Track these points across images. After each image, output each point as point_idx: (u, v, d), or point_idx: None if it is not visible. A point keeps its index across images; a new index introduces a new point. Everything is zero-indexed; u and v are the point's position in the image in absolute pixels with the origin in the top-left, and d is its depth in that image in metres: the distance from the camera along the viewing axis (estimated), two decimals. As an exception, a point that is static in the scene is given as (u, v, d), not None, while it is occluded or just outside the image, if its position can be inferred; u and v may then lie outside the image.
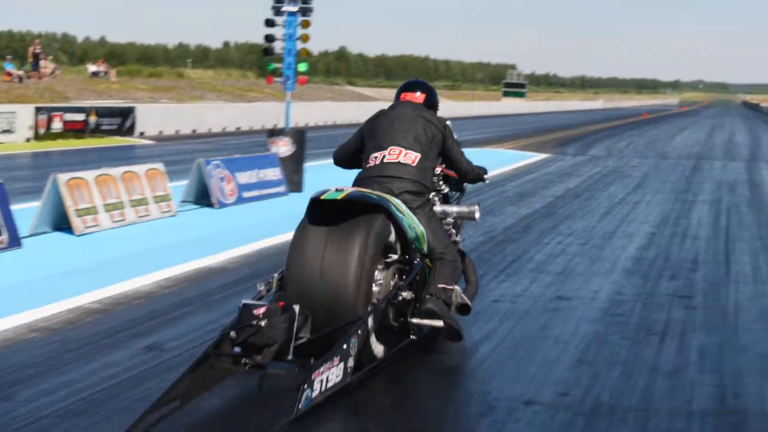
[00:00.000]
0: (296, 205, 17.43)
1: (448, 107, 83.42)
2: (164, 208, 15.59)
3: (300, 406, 6.22)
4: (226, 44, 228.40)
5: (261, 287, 7.59)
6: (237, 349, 6.76)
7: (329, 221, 7.47)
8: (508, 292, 10.79)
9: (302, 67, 20.39)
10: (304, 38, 20.34)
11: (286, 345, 6.77)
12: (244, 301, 6.97)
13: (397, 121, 8.30)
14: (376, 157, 8.20)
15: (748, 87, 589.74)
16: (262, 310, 6.72)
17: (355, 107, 64.93)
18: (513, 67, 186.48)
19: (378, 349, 7.47)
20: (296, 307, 6.93)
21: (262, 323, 6.66)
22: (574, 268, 12.30)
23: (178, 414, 6.32)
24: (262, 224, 15.37)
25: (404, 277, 7.82)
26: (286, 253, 7.49)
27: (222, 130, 45.24)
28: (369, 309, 7.25)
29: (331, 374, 6.60)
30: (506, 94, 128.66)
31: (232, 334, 6.75)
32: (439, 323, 7.68)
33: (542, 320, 9.51)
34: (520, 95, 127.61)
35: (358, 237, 7.28)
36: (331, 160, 9.07)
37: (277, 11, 20.28)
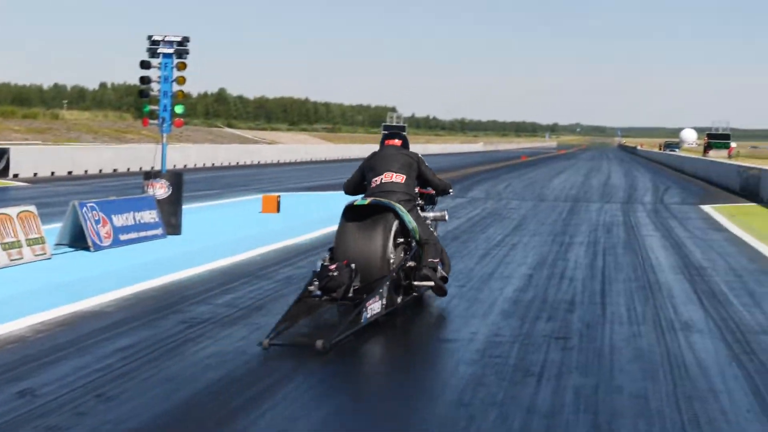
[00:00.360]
0: (173, 248, 17.35)
1: (326, 149, 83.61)
2: (38, 251, 15.31)
3: (362, 321, 10.42)
4: (102, 85, 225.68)
5: (324, 256, 11.72)
6: (317, 292, 10.91)
7: (359, 218, 11.69)
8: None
9: (178, 109, 20.20)
10: (180, 80, 20.17)
11: (347, 288, 10.91)
12: (321, 262, 11.28)
13: (387, 157, 12.52)
14: (376, 180, 12.28)
15: (624, 130, 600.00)
16: (334, 266, 10.94)
17: (234, 149, 64.70)
18: (393, 109, 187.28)
19: (396, 298, 11.58)
20: (353, 265, 11.07)
21: (335, 273, 10.84)
22: (453, 310, 12.33)
23: (289, 331, 10.39)
24: (138, 267, 15.17)
25: (407, 253, 11.96)
26: (175, 295, 7.39)
27: (98, 172, 44.74)
28: (389, 272, 11.31)
29: (375, 306, 10.74)
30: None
31: (314, 284, 10.95)
32: (431, 283, 11.97)
33: (424, 359, 9.48)
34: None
35: (379, 227, 11.53)
36: (209, 202, 9.03)
37: (153, 53, 20.09)
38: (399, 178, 12.18)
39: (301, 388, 8.47)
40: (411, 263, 11.85)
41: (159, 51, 20.06)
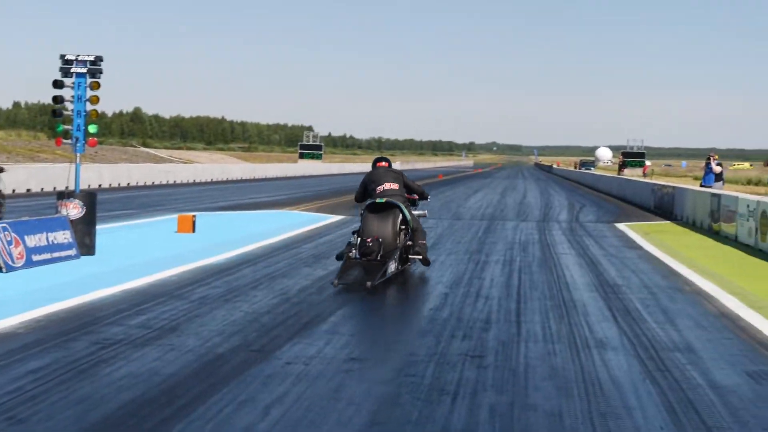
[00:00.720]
0: (87, 269, 17.15)
1: (242, 169, 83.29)
2: (-53, 273, 15.04)
3: (386, 275, 16.13)
4: (16, 104, 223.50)
5: (352, 237, 17.23)
6: (357, 256, 16.56)
7: (376, 212, 17.09)
8: (302, 354, 10.72)
9: (92, 128, 19.95)
10: (94, 100, 19.92)
11: (377, 254, 16.34)
12: (353, 239, 16.94)
13: (382, 173, 17.80)
14: (379, 188, 17.48)
15: (540, 149, 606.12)
16: (371, 239, 16.42)
17: (149, 169, 64.25)
18: (310, 128, 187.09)
19: (402, 264, 17.26)
20: (380, 239, 16.55)
21: (371, 245, 16.33)
22: (368, 328, 12.31)
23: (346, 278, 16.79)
24: (51, 288, 14.97)
25: (406, 236, 17.27)
26: (87, 316, 7.28)
27: (12, 192, 44.12)
28: (397, 247, 16.92)
29: (391, 266, 16.42)
30: (303, 155, 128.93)
31: (353, 251, 16.80)
32: (420, 257, 17.41)
33: (335, 382, 9.46)
34: (317, 157, 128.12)
35: (390, 217, 17.02)
36: (124, 222, 8.93)
37: (66, 72, 19.85)
38: (395, 186, 17.53)
39: (207, 416, 8.40)
40: (408, 243, 17.31)
41: (72, 70, 19.82)
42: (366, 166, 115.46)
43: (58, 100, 20.05)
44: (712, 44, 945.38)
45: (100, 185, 51.91)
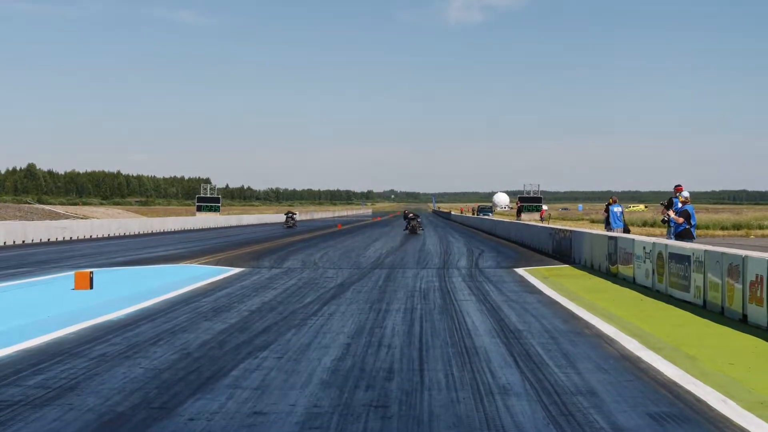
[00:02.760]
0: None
1: (140, 223, 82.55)
2: None
3: (419, 233, 76.33)
4: None
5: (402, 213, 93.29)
6: (407, 226, 78.23)
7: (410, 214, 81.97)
8: (205, 409, 10.61)
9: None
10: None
11: (415, 225, 77.56)
12: (406, 212, 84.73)
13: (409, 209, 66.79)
14: (407, 211, 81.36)
15: (438, 195, 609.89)
16: (412, 214, 79.67)
17: (44, 226, 63.37)
18: (207, 181, 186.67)
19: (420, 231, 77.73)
20: (418, 216, 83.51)
21: (411, 215, 79.75)
22: (271, 382, 12.22)
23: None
24: (-56, 350, 14.63)
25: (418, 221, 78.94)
26: None
27: None
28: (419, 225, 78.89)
29: (420, 230, 79.48)
30: (200, 208, 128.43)
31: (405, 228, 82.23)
32: (422, 231, 78.96)
33: (239, 438, 9.35)
34: (215, 209, 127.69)
35: (417, 214, 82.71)
36: (19, 281, 8.76)
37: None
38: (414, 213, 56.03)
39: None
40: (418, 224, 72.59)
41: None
42: (264, 217, 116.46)
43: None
44: (603, 89, 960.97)
45: (-6, 243, 51.06)
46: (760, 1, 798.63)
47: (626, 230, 38.33)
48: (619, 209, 39.40)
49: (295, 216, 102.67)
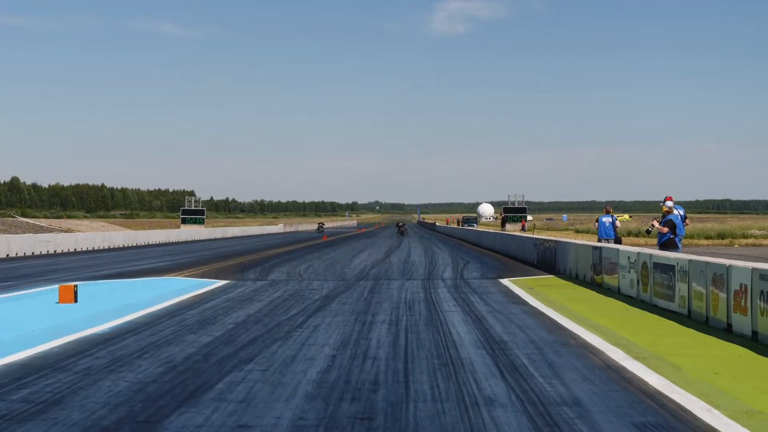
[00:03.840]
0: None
1: (124, 236, 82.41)
2: None
3: (405, 234, 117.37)
4: None
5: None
6: (398, 231, 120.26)
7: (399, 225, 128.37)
8: (190, 423, 10.59)
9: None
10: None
11: (404, 230, 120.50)
12: (398, 222, 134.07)
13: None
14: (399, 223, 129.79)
15: (423, 206, 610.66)
16: (401, 223, 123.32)
17: (28, 239, 63.23)
18: (191, 193, 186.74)
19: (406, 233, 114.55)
20: (405, 227, 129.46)
21: (400, 224, 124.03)
22: (256, 394, 12.20)
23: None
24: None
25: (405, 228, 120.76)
26: None
27: None
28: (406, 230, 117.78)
29: (407, 233, 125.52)
30: (185, 221, 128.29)
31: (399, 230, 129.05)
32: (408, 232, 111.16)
33: (224, 451, 9.33)
34: (200, 222, 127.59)
35: (404, 223, 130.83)
36: (3, 295, 8.67)
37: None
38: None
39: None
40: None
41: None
42: (249, 229, 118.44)
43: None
44: (587, 99, 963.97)
45: (-22, 257, 50.94)
46: (732, 12, 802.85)
47: (617, 241, 37.68)
48: (609, 219, 38.72)
49: (323, 225, 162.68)
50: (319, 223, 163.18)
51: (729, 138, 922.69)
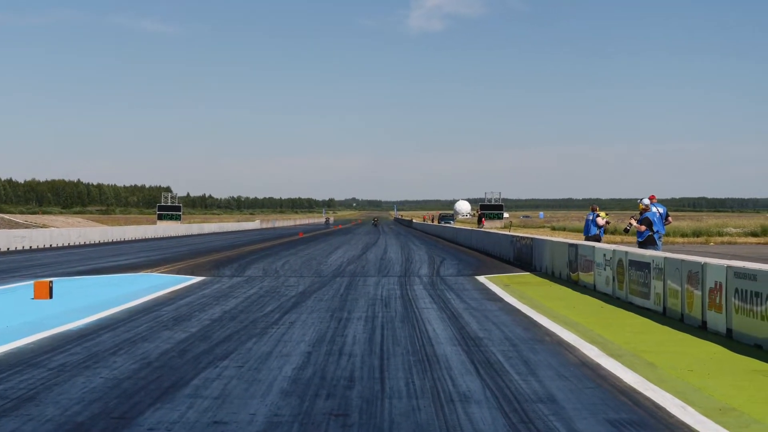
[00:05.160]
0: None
1: (100, 232, 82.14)
2: None
3: (379, 227, 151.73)
4: None
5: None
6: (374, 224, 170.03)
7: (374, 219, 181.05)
8: (165, 419, 10.57)
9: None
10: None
11: (378, 222, 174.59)
12: (374, 218, 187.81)
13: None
14: (374, 219, 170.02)
15: (400, 203, 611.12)
16: (376, 219, 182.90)
17: (2, 235, 62.94)
18: (168, 189, 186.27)
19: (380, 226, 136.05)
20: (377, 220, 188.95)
21: (375, 219, 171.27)
22: (231, 391, 12.19)
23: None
24: None
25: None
26: None
27: None
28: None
29: (380, 224, 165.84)
30: (161, 217, 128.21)
31: (374, 222, 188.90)
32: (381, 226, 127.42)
33: (199, 447, 9.32)
34: (176, 218, 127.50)
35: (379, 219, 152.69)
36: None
37: None
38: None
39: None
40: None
41: None
42: (225, 226, 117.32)
43: None
44: (564, 97, 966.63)
45: (-48, 252, 50.71)
46: (707, 13, 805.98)
47: (596, 239, 36.97)
48: (591, 216, 38.03)
49: (330, 219, 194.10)
50: (326, 218, 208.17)
51: (706, 137, 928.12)
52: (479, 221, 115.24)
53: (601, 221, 37.57)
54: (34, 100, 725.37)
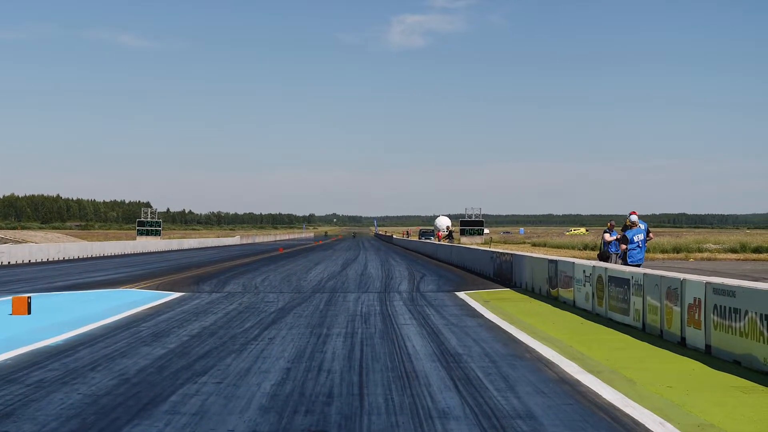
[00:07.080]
0: None
1: (79, 247, 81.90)
2: None
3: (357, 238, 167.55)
4: None
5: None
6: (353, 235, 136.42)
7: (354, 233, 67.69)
8: (142, 436, 10.52)
9: None
10: None
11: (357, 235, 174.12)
12: (354, 232, 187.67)
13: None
14: (354, 233, 66.66)
15: (380, 219, 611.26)
16: (355, 233, 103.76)
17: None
18: (147, 205, 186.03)
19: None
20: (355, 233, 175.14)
21: (354, 233, 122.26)
22: (210, 407, 12.15)
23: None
24: None
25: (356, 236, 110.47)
26: None
27: None
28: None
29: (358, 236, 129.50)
30: (141, 232, 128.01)
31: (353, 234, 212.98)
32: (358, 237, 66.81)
33: (177, 464, 9.29)
34: (156, 233, 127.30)
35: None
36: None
37: None
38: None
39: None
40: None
41: None
42: (205, 241, 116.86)
43: None
44: (544, 114, 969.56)
45: (-69, 268, 50.49)
46: (687, 28, 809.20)
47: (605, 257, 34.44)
48: (608, 236, 34.27)
49: (327, 233, 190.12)
50: (326, 233, 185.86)
51: (685, 153, 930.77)
52: (449, 237, 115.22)
53: (609, 237, 35.67)
54: (13, 115, 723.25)
